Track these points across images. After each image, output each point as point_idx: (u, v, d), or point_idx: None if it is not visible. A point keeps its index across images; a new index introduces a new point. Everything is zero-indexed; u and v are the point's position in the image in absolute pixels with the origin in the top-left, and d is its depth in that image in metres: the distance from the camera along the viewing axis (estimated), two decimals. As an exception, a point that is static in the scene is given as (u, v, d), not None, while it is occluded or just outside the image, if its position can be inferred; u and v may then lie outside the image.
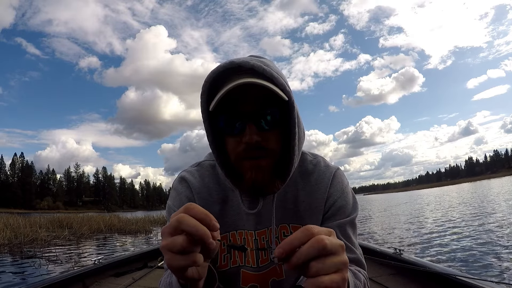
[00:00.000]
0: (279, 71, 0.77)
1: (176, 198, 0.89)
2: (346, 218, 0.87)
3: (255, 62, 0.72)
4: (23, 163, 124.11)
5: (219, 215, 0.86)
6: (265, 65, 0.73)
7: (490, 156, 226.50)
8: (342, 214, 0.87)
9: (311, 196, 0.88)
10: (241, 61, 0.72)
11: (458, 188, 60.87)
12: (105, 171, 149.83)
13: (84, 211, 73.74)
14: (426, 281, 1.91)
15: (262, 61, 0.75)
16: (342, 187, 0.90)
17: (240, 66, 0.72)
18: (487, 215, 11.32)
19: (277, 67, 0.79)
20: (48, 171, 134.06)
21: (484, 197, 21.76)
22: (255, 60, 0.74)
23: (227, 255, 0.89)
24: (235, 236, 0.88)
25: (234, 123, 0.75)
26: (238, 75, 0.72)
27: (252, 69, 0.71)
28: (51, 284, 1.94)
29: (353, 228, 0.89)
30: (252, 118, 0.74)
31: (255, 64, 0.71)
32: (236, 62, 0.72)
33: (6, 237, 8.96)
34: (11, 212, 25.65)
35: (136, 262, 2.83)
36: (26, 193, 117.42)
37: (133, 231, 13.19)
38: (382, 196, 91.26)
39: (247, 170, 0.78)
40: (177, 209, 0.87)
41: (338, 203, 0.88)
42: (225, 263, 0.89)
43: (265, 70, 0.71)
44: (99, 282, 2.34)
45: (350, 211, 0.89)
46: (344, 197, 0.89)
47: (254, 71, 0.71)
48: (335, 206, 0.88)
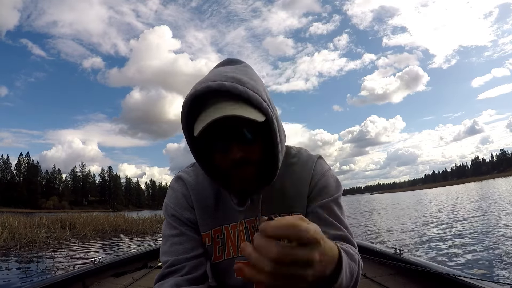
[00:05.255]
0: (255, 85, 0.78)
1: (172, 195, 0.95)
2: (329, 197, 0.91)
3: (230, 83, 0.74)
4: (28, 163, 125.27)
5: (214, 209, 0.93)
6: (240, 83, 0.75)
7: (497, 155, 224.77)
8: (325, 194, 0.91)
9: (296, 183, 0.92)
10: (217, 85, 0.74)
11: (464, 187, 60.41)
12: (110, 170, 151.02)
13: (89, 210, 73.91)
14: (426, 281, 1.89)
15: (236, 77, 0.76)
16: (323, 171, 0.94)
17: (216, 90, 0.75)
18: (489, 215, 11.24)
19: (253, 75, 0.82)
20: (54, 170, 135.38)
21: (488, 197, 21.58)
22: (230, 76, 0.76)
23: (221, 247, 0.93)
24: (228, 229, 0.93)
25: (218, 143, 0.80)
26: (215, 97, 0.76)
27: (228, 91, 0.74)
28: (51, 284, 1.94)
29: (339, 207, 0.92)
30: (234, 137, 0.78)
31: (230, 87, 0.74)
32: (213, 87, 0.74)
33: (2, 239, 8.60)
34: (16, 212, 25.81)
35: (136, 262, 2.84)
36: (32, 192, 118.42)
37: (140, 232, 12.74)
38: (388, 196, 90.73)
39: (235, 181, 0.84)
40: (173, 205, 0.93)
41: (320, 183, 0.92)
42: (219, 255, 0.93)
43: (241, 92, 0.74)
44: (99, 282, 2.35)
45: (333, 191, 0.92)
46: (326, 179, 0.93)
47: (230, 93, 0.74)
48: (317, 187, 0.91)
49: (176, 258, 0.88)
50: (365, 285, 2.10)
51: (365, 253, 2.58)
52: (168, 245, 0.91)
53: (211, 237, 0.93)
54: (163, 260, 0.90)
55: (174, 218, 0.93)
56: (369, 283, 2.11)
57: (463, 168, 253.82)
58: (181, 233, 0.91)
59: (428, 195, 43.45)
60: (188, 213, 0.93)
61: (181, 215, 0.92)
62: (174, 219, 0.93)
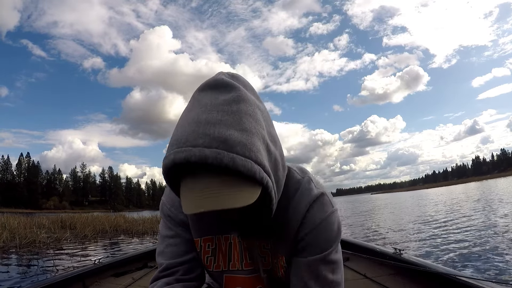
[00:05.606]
0: (247, 142, 0.61)
1: (169, 195, 0.92)
2: (317, 255, 0.80)
3: (213, 154, 0.58)
4: (29, 163, 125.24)
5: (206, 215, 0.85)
6: (227, 146, 0.58)
7: (497, 155, 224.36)
8: (312, 251, 0.81)
9: (284, 226, 0.82)
10: (198, 157, 0.58)
11: (465, 187, 60.38)
12: (111, 171, 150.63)
13: (90, 210, 74.00)
14: (426, 281, 1.89)
15: (221, 136, 0.59)
16: (315, 222, 0.80)
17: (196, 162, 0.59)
18: (489, 215, 11.20)
19: (246, 120, 0.63)
20: (55, 171, 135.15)
21: (489, 197, 21.55)
22: (214, 136, 0.59)
23: (211, 257, 0.90)
24: (220, 240, 0.88)
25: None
26: (196, 169, 0.61)
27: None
28: (51, 284, 1.94)
29: (329, 265, 0.81)
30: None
31: (214, 161, 0.58)
32: (194, 160, 0.58)
33: (1, 239, 8.51)
34: (17, 212, 25.77)
35: (136, 262, 2.83)
36: (32, 193, 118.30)
37: (140, 232, 12.62)
38: (389, 196, 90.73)
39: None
40: (169, 206, 0.90)
41: (308, 238, 0.81)
42: (208, 264, 0.90)
43: (227, 165, 0.58)
44: (99, 282, 2.34)
45: (324, 247, 0.81)
46: (316, 233, 0.80)
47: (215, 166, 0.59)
48: (304, 241, 0.81)
49: (170, 262, 0.87)
50: (365, 285, 2.10)
51: (365, 253, 2.58)
52: (164, 245, 0.90)
53: (200, 245, 0.89)
54: (159, 262, 0.90)
55: (169, 218, 0.91)
56: (369, 283, 2.11)
57: (464, 168, 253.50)
58: (176, 234, 0.90)
59: (428, 195, 43.38)
60: (183, 215, 0.89)
61: (176, 216, 0.90)
62: (170, 219, 0.91)
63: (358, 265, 2.51)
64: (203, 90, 0.68)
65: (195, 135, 0.60)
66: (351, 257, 2.72)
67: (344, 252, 2.79)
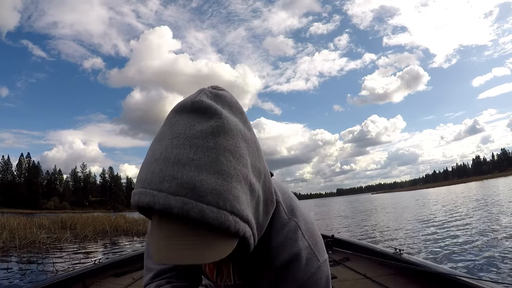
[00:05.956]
0: (221, 187, 0.52)
1: None
2: None
3: (179, 204, 0.49)
4: (29, 164, 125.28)
5: None
6: (196, 195, 0.50)
7: (498, 155, 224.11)
8: None
9: (263, 267, 0.75)
10: (163, 205, 0.50)
11: (465, 187, 60.33)
12: (111, 171, 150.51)
13: (90, 211, 73.89)
14: (426, 281, 1.89)
15: (190, 181, 0.50)
16: (296, 280, 0.72)
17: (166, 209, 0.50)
18: (490, 214, 11.20)
19: (223, 159, 0.53)
20: (55, 171, 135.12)
21: (489, 197, 21.53)
22: (182, 181, 0.50)
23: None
24: None
25: None
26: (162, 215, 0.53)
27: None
28: (51, 284, 1.95)
29: None
30: None
31: (180, 212, 0.49)
32: (158, 207, 0.50)
33: (1, 240, 8.48)
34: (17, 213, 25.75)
35: (136, 262, 2.83)
36: (32, 193, 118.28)
37: (141, 232, 12.57)
38: (389, 195, 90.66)
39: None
40: None
41: None
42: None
43: (195, 217, 0.49)
44: (99, 282, 2.35)
45: None
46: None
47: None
48: None
49: (161, 268, 0.84)
50: (365, 285, 2.10)
51: (365, 253, 2.58)
52: None
53: None
54: (148, 266, 0.87)
55: None
56: (369, 283, 2.11)
57: (464, 168, 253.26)
58: None
59: (428, 195, 43.35)
60: None
61: None
62: None
63: (358, 265, 2.50)
64: (178, 113, 0.58)
65: (161, 177, 0.51)
66: (351, 257, 2.72)
67: (344, 252, 2.79)
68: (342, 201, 70.53)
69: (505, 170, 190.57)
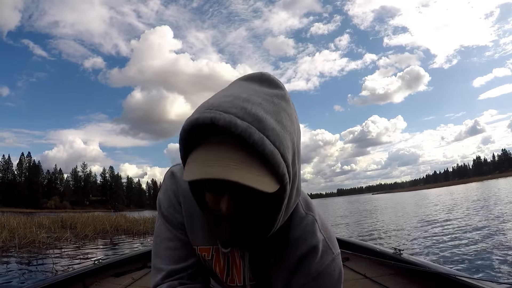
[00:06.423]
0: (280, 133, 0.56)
1: (166, 193, 0.85)
2: None
3: (245, 125, 0.52)
4: (30, 163, 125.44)
5: (204, 222, 0.80)
6: (261, 126, 0.53)
7: (498, 155, 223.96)
8: None
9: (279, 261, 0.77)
10: (227, 122, 0.52)
11: (466, 188, 60.30)
12: (112, 170, 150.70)
13: (91, 210, 73.94)
14: (426, 281, 1.89)
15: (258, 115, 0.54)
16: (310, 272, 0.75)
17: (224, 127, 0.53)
18: (490, 215, 11.21)
19: (285, 116, 0.59)
20: (55, 170, 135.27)
21: (489, 197, 21.52)
22: (251, 111, 0.54)
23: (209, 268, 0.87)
24: (219, 252, 0.82)
25: (210, 184, 0.61)
26: (222, 135, 0.55)
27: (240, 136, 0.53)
28: (51, 284, 1.95)
29: None
30: (230, 192, 0.60)
31: (243, 133, 0.52)
32: (222, 124, 0.52)
33: (0, 239, 8.38)
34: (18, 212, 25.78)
35: (136, 262, 2.83)
36: (33, 192, 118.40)
37: (141, 232, 12.53)
38: (390, 196, 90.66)
39: (218, 228, 0.66)
40: (166, 206, 0.83)
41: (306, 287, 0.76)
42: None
43: (255, 143, 0.52)
44: (99, 282, 2.35)
45: None
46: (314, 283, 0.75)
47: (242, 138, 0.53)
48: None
49: (172, 268, 0.80)
50: (365, 285, 2.10)
51: (365, 253, 2.58)
52: (163, 248, 0.82)
53: (197, 253, 0.83)
54: (157, 266, 0.82)
55: (168, 219, 0.83)
56: (369, 283, 2.11)
57: (465, 168, 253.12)
58: (175, 237, 0.82)
59: (429, 195, 43.35)
60: (181, 216, 0.82)
61: (174, 218, 0.83)
62: (168, 220, 0.83)
63: (358, 265, 2.50)
64: (247, 80, 0.63)
65: (230, 104, 0.54)
66: (351, 257, 2.72)
67: (344, 252, 2.79)
68: (342, 201, 70.61)
69: (505, 170, 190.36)
